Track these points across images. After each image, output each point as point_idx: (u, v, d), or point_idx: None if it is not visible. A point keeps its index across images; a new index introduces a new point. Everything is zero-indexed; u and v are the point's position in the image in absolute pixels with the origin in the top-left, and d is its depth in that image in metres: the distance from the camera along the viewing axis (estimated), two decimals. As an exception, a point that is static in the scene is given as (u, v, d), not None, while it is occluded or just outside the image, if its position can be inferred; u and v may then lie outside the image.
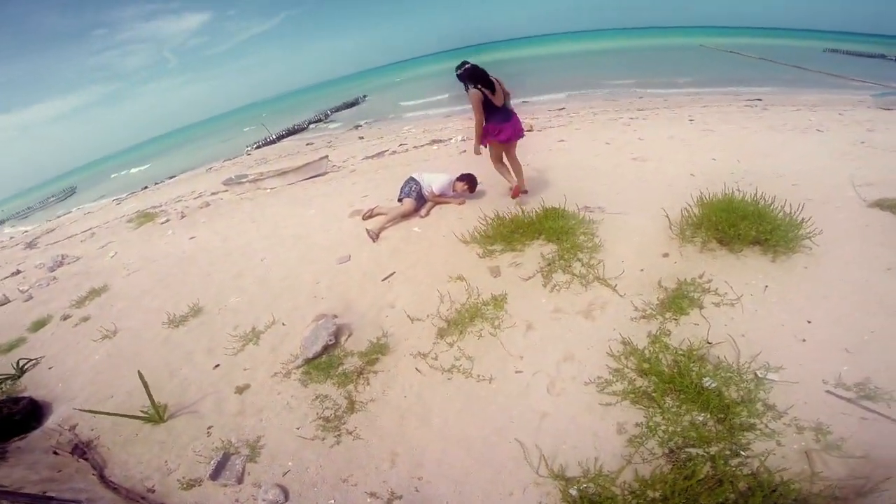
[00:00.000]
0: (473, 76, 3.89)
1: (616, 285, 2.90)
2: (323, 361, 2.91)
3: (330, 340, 3.00)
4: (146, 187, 23.79)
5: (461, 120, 15.26)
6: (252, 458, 2.39)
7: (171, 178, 24.85)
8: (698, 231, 3.15)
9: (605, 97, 17.66)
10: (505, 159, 4.44)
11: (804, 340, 2.30)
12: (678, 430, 1.95)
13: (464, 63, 3.97)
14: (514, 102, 4.20)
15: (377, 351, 2.89)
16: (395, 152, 11.02)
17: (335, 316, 3.29)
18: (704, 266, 2.90)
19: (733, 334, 2.37)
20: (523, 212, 3.75)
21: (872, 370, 2.07)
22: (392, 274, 3.75)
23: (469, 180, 4.86)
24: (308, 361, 2.92)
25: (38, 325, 5.22)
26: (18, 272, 9.18)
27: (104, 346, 4.05)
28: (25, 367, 4.19)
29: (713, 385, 2.03)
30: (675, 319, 2.53)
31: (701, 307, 2.59)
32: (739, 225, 2.94)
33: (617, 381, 2.25)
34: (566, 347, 2.56)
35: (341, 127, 25.68)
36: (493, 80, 3.93)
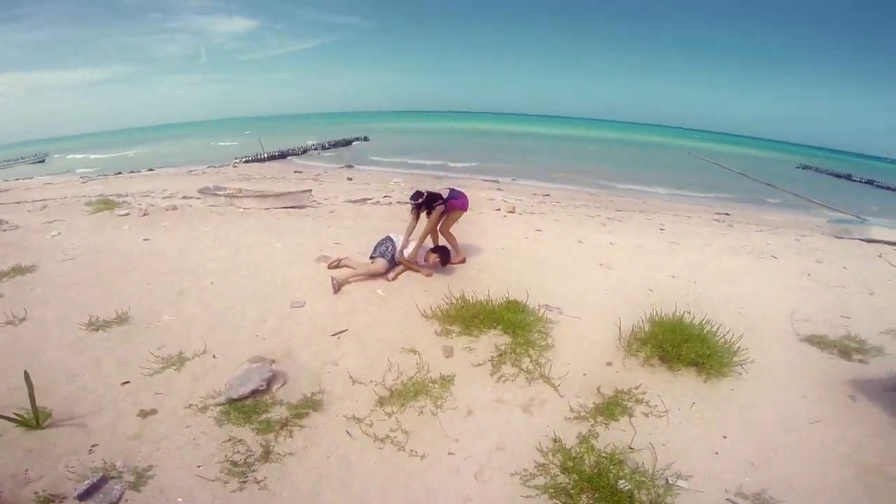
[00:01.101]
0: (430, 199, 5.05)
1: (558, 385, 3.04)
2: (247, 405, 2.82)
3: (261, 385, 2.93)
4: (119, 173, 23.20)
5: (453, 183, 15.85)
6: (136, 487, 2.24)
7: (149, 170, 24.40)
8: (644, 346, 3.40)
9: (589, 191, 18.88)
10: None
11: (717, 453, 2.53)
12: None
13: (419, 193, 5.08)
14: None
15: (309, 405, 2.85)
16: (378, 202, 11.29)
17: (273, 361, 3.24)
18: (643, 379, 3.11)
19: (655, 443, 2.54)
20: (489, 297, 3.90)
21: (770, 482, 2.34)
22: (344, 331, 3.75)
23: (442, 253, 5.05)
24: (231, 401, 2.83)
25: (-66, 289, 4.76)
26: (-57, 221, 8.45)
27: (4, 332, 3.78)
28: None
29: (627, 487, 2.17)
30: (606, 424, 2.69)
31: (631, 415, 2.77)
32: (682, 346, 3.21)
33: (541, 475, 2.32)
34: (500, 437, 2.62)
35: (334, 162, 26.34)
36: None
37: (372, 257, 4.95)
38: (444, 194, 5.15)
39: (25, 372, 2.71)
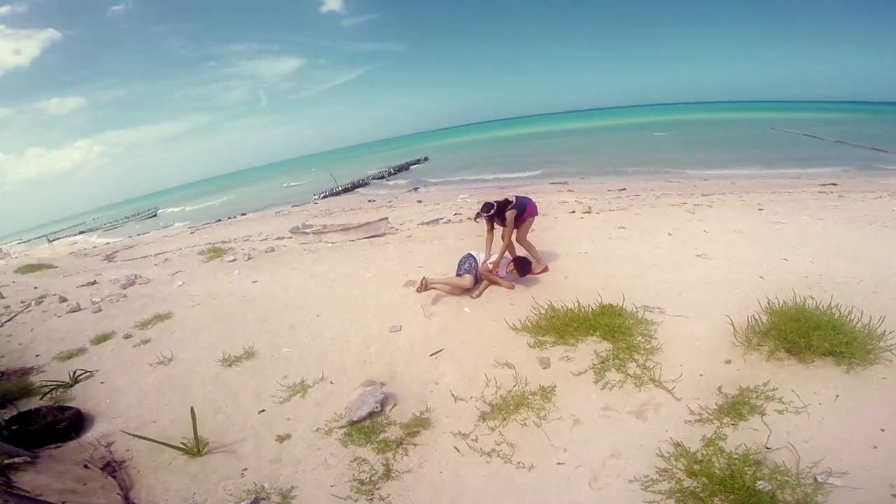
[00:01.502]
0: (501, 208, 5.10)
1: (673, 388, 2.91)
2: (366, 426, 3.06)
3: (376, 408, 3.17)
4: (219, 220, 26.00)
5: (516, 191, 15.72)
6: None
7: (242, 214, 27.09)
8: (765, 339, 3.13)
9: (668, 178, 17.60)
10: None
11: (875, 447, 2.26)
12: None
13: (489, 205, 5.13)
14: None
15: (419, 424, 3.01)
16: (449, 221, 11.56)
17: (383, 384, 3.49)
18: (770, 374, 2.87)
19: (795, 441, 2.33)
20: (579, 306, 3.86)
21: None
22: (440, 351, 3.91)
23: (520, 264, 5.06)
24: (352, 423, 3.09)
25: (101, 338, 5.79)
26: (95, 282, 10.12)
27: (157, 372, 4.45)
28: (79, 377, 4.62)
29: (767, 488, 2.02)
30: (733, 424, 2.52)
31: (763, 414, 2.56)
32: (812, 336, 2.91)
33: (664, 480, 2.24)
34: (613, 444, 2.57)
35: (402, 187, 27.35)
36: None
37: (459, 274, 5.11)
38: (513, 201, 5.21)
39: (192, 408, 3.24)
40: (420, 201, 18.37)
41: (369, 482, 2.58)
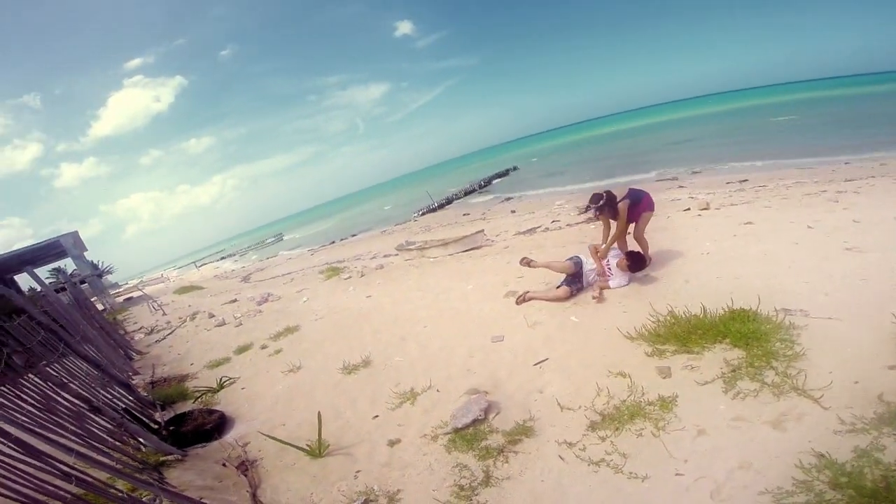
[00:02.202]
0: (611, 199, 5.09)
1: (820, 397, 2.56)
2: (469, 433, 3.15)
3: (480, 416, 3.26)
4: (333, 242, 28.63)
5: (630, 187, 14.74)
6: None
7: (353, 235, 29.55)
8: (943, 341, 2.54)
9: (799, 165, 15.15)
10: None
11: None
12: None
13: (598, 195, 5.14)
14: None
15: (521, 432, 3.03)
16: (547, 229, 11.35)
17: (486, 392, 3.59)
18: (947, 381, 2.40)
19: None
20: (704, 311, 3.59)
21: None
22: (545, 360, 3.89)
23: (634, 259, 4.86)
24: (456, 431, 3.21)
25: (242, 349, 6.68)
26: (235, 300, 11.76)
27: (288, 379, 5.02)
28: (224, 383, 5.35)
29: None
30: (895, 435, 2.15)
31: None
32: None
33: (801, 492, 2.00)
34: (743, 456, 2.34)
35: (493, 199, 27.47)
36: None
37: (558, 286, 5.07)
38: (624, 193, 5.12)
39: (319, 413, 3.65)
40: (514, 211, 18.30)
41: (469, 488, 2.65)
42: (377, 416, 3.70)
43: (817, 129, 25.27)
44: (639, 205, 5.15)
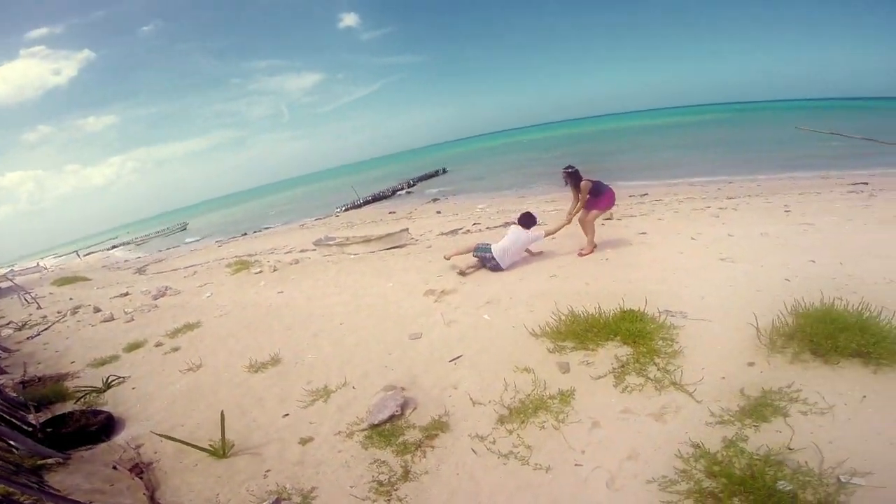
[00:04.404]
0: (576, 175, 6.16)
1: (694, 391, 2.89)
2: (386, 429, 3.13)
3: (396, 411, 3.25)
4: (245, 234, 26.74)
5: (537, 203, 15.63)
6: None
7: (267, 228, 27.81)
8: (790, 342, 3.08)
9: (691, 182, 17.19)
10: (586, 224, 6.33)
11: None
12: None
13: (570, 166, 6.24)
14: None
15: (437, 427, 3.07)
16: (469, 230, 11.67)
17: (403, 388, 3.57)
18: (794, 376, 2.81)
19: (819, 442, 2.29)
20: (600, 311, 3.86)
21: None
22: (459, 356, 3.97)
23: (524, 217, 6.41)
24: (373, 427, 3.17)
25: (133, 346, 6.10)
26: (127, 294, 10.60)
27: (187, 378, 4.65)
28: (112, 383, 4.87)
29: (787, 488, 2.00)
30: (755, 426, 2.48)
31: (786, 415, 2.51)
32: (838, 337, 2.86)
33: (682, 481, 2.22)
34: (632, 446, 2.56)
35: (421, 198, 27.59)
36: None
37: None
38: (593, 179, 6.13)
39: (222, 411, 3.41)
40: (439, 212, 18.51)
41: (388, 483, 2.64)
42: (287, 414, 3.53)
43: (709, 149, 28.90)
44: (599, 196, 6.11)
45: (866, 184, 12.16)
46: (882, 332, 2.84)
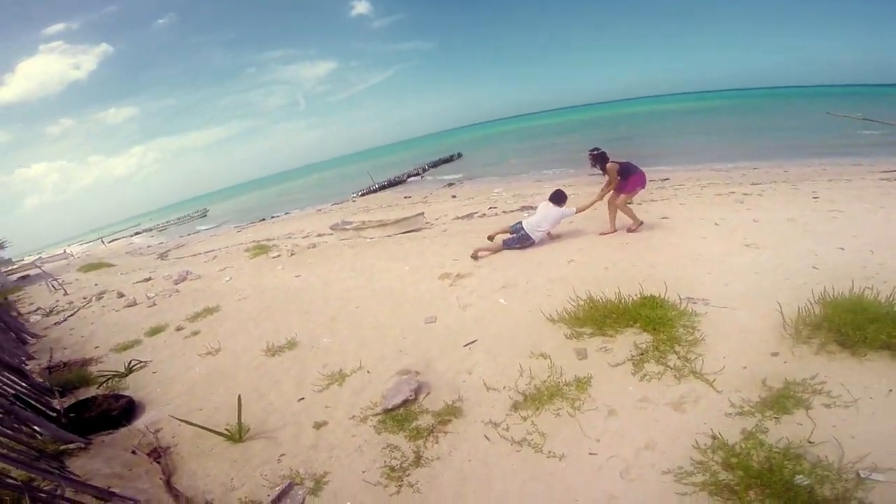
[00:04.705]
0: (603, 156, 6.20)
1: (714, 380, 2.80)
2: (400, 414, 3.13)
3: (410, 396, 3.24)
4: (263, 219, 27.09)
5: (553, 186, 15.36)
6: (314, 492, 2.62)
7: (285, 213, 28.09)
8: (817, 332, 2.95)
9: (714, 167, 16.63)
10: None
11: None
12: (756, 524, 1.87)
13: (596, 148, 6.28)
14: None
15: (451, 413, 3.05)
16: (485, 215, 11.53)
17: (417, 373, 3.56)
18: (819, 367, 2.71)
19: (841, 436, 2.21)
20: (619, 296, 3.78)
21: None
22: (474, 341, 3.94)
23: (556, 194, 6.48)
24: (387, 411, 3.17)
25: (155, 330, 6.20)
26: (149, 279, 10.86)
27: (206, 361, 4.72)
28: (133, 367, 4.95)
29: (805, 482, 1.94)
30: (776, 418, 2.40)
31: (808, 408, 2.43)
32: (867, 328, 2.72)
33: (698, 472, 2.17)
34: (649, 436, 2.51)
35: (436, 183, 27.39)
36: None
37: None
38: (620, 160, 6.14)
39: (238, 396, 3.45)
40: (455, 196, 18.36)
41: (399, 468, 2.64)
42: (303, 398, 3.57)
43: (732, 135, 27.83)
44: (628, 177, 6.06)
45: (900, 171, 11.56)
46: (914, 324, 2.69)
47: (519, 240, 6.31)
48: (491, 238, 6.80)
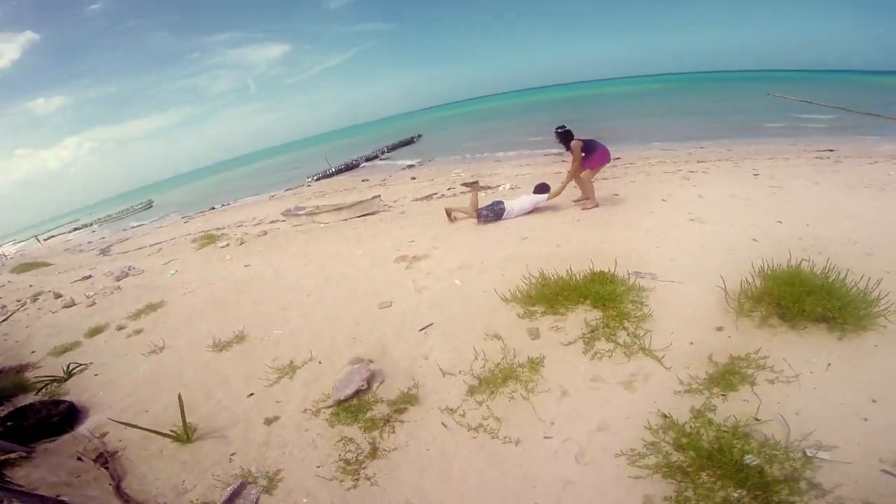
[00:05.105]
0: (568, 134, 6.26)
1: (662, 357, 2.82)
2: (353, 405, 3.00)
3: (362, 385, 3.11)
4: (213, 208, 25.73)
5: (511, 167, 15.43)
6: (268, 490, 2.49)
7: (236, 201, 26.77)
8: (758, 305, 3.02)
9: (663, 147, 17.19)
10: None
11: (866, 420, 2.16)
12: (709, 505, 1.86)
13: (561, 126, 6.31)
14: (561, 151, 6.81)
15: (406, 401, 2.95)
16: (443, 195, 11.40)
17: (370, 361, 3.42)
18: (762, 342, 2.77)
19: (786, 412, 2.26)
20: (570, 273, 3.75)
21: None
22: (430, 325, 3.84)
23: (539, 186, 6.74)
24: (339, 403, 3.03)
25: (95, 331, 5.77)
26: (89, 277, 10.06)
27: (150, 361, 4.43)
28: (73, 371, 4.62)
29: (755, 462, 1.96)
30: (723, 395, 2.44)
31: (753, 384, 2.47)
32: (805, 300, 2.80)
33: (651, 454, 2.17)
34: (601, 417, 2.49)
35: (395, 165, 26.83)
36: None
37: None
38: (584, 138, 6.17)
39: (179, 395, 3.21)
40: (414, 178, 18.03)
41: (355, 462, 2.54)
42: (252, 393, 3.36)
43: (680, 116, 28.79)
44: (592, 154, 6.14)
45: (832, 151, 12.36)
46: (847, 296, 2.80)
47: (495, 213, 6.50)
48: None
